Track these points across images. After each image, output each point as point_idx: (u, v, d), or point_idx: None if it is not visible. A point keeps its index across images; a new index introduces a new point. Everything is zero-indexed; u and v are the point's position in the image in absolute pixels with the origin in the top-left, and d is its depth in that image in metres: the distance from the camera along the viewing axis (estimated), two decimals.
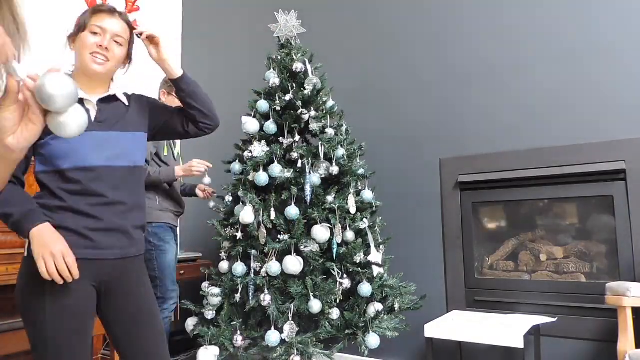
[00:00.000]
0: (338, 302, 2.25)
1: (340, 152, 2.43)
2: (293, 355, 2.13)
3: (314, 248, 2.29)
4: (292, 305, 2.21)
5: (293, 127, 2.48)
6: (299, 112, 2.45)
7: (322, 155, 2.41)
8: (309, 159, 2.40)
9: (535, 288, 2.51)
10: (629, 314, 1.90)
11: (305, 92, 2.46)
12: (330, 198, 2.33)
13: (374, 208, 2.51)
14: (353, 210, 2.34)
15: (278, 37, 2.65)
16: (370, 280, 2.28)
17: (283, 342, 2.18)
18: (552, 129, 2.53)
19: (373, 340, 2.16)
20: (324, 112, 2.51)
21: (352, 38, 3.28)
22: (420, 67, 2.98)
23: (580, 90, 2.48)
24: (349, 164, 2.44)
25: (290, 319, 2.20)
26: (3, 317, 2.07)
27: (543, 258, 2.58)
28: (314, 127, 2.47)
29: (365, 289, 2.22)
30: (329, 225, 2.29)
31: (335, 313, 2.22)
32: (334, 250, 2.28)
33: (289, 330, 2.18)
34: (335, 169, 2.38)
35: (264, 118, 2.51)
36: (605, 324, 2.27)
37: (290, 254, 2.26)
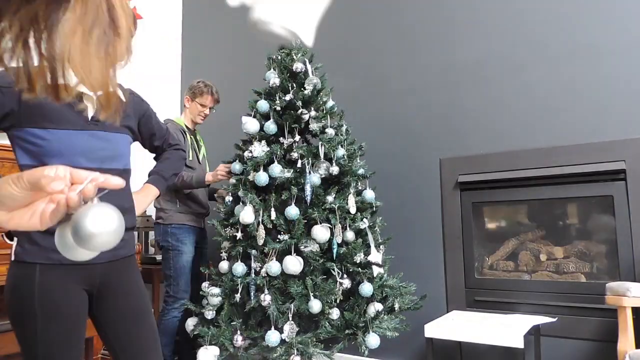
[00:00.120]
0: (338, 302, 2.25)
1: (340, 152, 2.43)
2: (293, 355, 2.13)
3: (314, 248, 2.29)
4: (292, 305, 2.21)
5: (293, 127, 2.48)
6: (299, 112, 2.45)
7: (322, 155, 2.41)
8: (309, 159, 2.40)
9: (535, 288, 2.51)
10: (629, 314, 1.90)
11: (305, 92, 2.46)
12: (330, 198, 2.33)
13: (374, 208, 2.51)
14: (353, 210, 2.34)
15: None
16: (370, 280, 2.28)
17: (283, 342, 2.18)
18: (552, 129, 2.53)
19: (373, 340, 2.16)
20: (324, 112, 2.51)
21: (351, 38, 3.28)
22: (421, 67, 2.98)
23: (580, 90, 2.48)
24: (349, 164, 2.44)
25: (290, 319, 2.20)
26: (3, 317, 2.07)
27: (543, 258, 2.58)
28: (314, 127, 2.47)
29: (366, 289, 2.22)
30: (329, 225, 2.29)
31: (335, 313, 2.23)
32: (334, 250, 2.28)
33: (289, 330, 2.18)
34: (335, 169, 2.38)
35: (264, 118, 2.51)
36: (605, 324, 2.27)
37: (290, 254, 2.26)
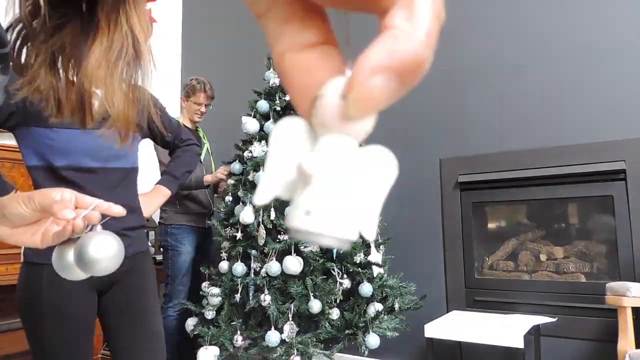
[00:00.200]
0: (338, 302, 2.25)
1: None
2: (293, 355, 2.13)
3: (314, 248, 2.29)
4: (292, 305, 2.21)
5: None
6: None
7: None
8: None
9: (535, 288, 2.51)
10: (629, 314, 1.90)
11: None
12: None
13: None
14: None
15: None
16: (370, 280, 2.28)
17: (283, 342, 2.18)
18: (551, 129, 2.53)
19: (373, 340, 2.16)
20: None
21: (351, 38, 3.28)
22: None
23: (580, 91, 2.48)
24: None
25: (290, 319, 2.20)
26: (3, 317, 2.07)
27: (543, 258, 2.58)
28: None
29: (366, 289, 2.22)
30: None
31: (335, 313, 2.22)
32: (334, 251, 2.28)
33: (289, 330, 2.18)
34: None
35: (264, 118, 2.51)
36: (605, 324, 2.27)
37: (290, 254, 2.26)
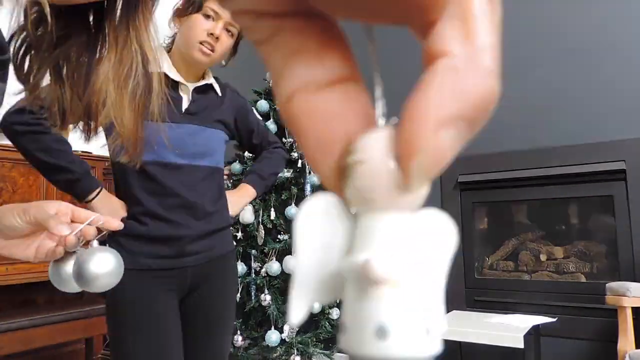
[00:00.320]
0: (338, 301, 2.25)
1: None
2: (293, 355, 2.13)
3: None
4: None
5: None
6: None
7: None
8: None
9: (535, 288, 2.51)
10: (629, 314, 1.90)
11: None
12: None
13: None
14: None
15: None
16: None
17: (283, 342, 2.18)
18: (552, 129, 2.53)
19: None
20: None
21: (352, 38, 3.28)
22: (420, 66, 2.98)
23: (580, 90, 2.48)
24: None
25: None
26: (3, 317, 2.07)
27: (543, 258, 2.58)
28: None
29: None
30: None
31: (336, 313, 2.23)
32: None
33: (289, 330, 2.18)
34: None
35: (264, 118, 2.51)
36: (605, 324, 2.27)
37: (291, 254, 2.26)
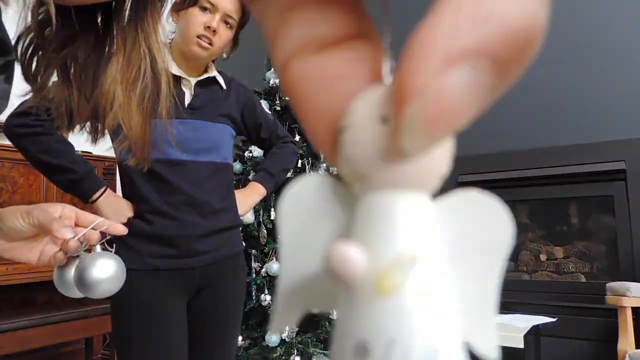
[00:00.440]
0: None
1: None
2: (293, 355, 2.13)
3: None
4: None
5: (293, 127, 2.48)
6: None
7: (322, 155, 2.41)
8: (309, 159, 2.40)
9: (535, 288, 2.51)
10: (629, 314, 1.90)
11: None
12: None
13: None
14: None
15: None
16: None
17: (283, 342, 2.18)
18: (552, 129, 2.53)
19: None
20: None
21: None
22: None
23: (580, 90, 2.48)
24: None
25: None
26: (3, 317, 2.07)
27: (543, 258, 2.58)
28: None
29: None
30: None
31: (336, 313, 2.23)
32: None
33: (289, 330, 2.18)
34: (336, 169, 2.38)
35: None
36: (605, 324, 2.27)
37: None
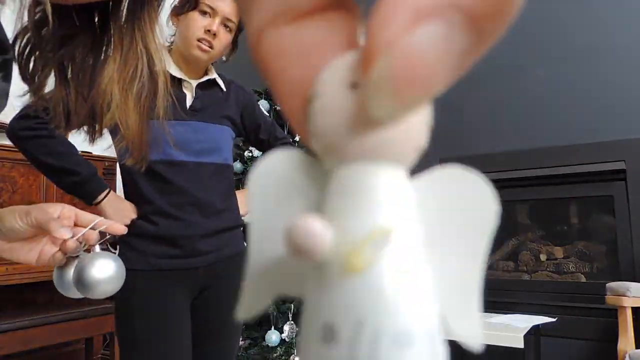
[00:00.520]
0: None
1: None
2: (293, 355, 2.13)
3: None
4: (292, 305, 2.21)
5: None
6: None
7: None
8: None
9: (535, 288, 2.51)
10: (629, 314, 1.90)
11: None
12: None
13: None
14: None
15: None
16: None
17: (283, 342, 2.18)
18: (552, 129, 2.53)
19: None
20: None
21: None
22: None
23: (580, 90, 2.48)
24: None
25: (291, 319, 2.20)
26: (3, 317, 2.07)
27: (543, 258, 2.58)
28: None
29: None
30: None
31: None
32: None
33: (289, 330, 2.18)
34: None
35: None
36: (605, 324, 2.27)
37: None
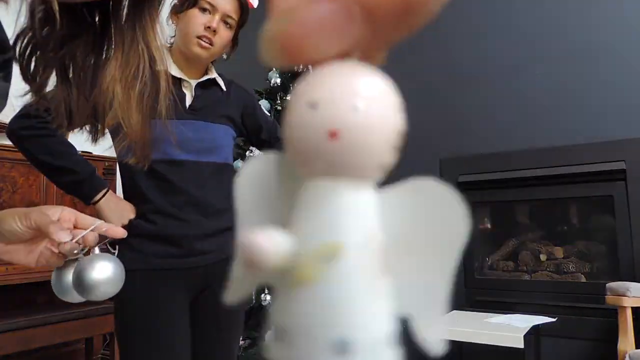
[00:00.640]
0: None
1: None
2: None
3: None
4: None
5: None
6: None
7: None
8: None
9: (535, 288, 2.51)
10: (629, 314, 1.90)
11: None
12: None
13: None
14: None
15: None
16: None
17: None
18: (552, 129, 2.53)
19: None
20: None
21: None
22: (420, 67, 2.98)
23: (580, 90, 2.48)
24: None
25: None
26: (3, 317, 2.07)
27: (543, 258, 2.58)
28: None
29: None
30: None
31: None
32: None
33: None
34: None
35: None
36: (605, 324, 2.27)
37: None
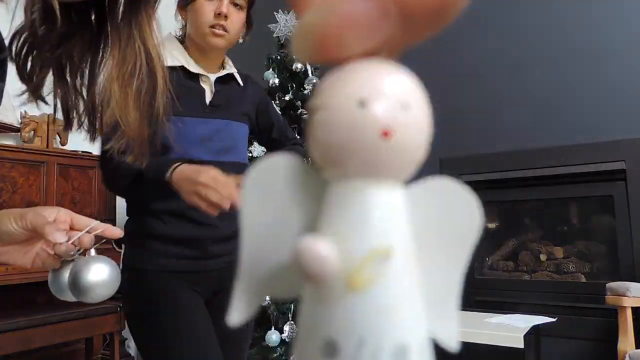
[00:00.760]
0: None
1: None
2: (293, 356, 2.13)
3: None
4: (292, 305, 2.21)
5: (293, 127, 2.48)
6: (299, 111, 2.45)
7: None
8: (309, 159, 2.40)
9: (535, 288, 2.51)
10: (629, 314, 1.90)
11: (305, 91, 2.46)
12: None
13: None
14: None
15: (278, 37, 2.65)
16: None
17: (283, 342, 2.18)
18: (552, 129, 2.53)
19: None
20: None
21: None
22: (420, 67, 2.95)
23: (581, 90, 2.48)
24: None
25: (291, 319, 2.20)
26: (3, 317, 2.07)
27: (543, 258, 2.58)
28: None
29: None
30: None
31: None
32: None
33: (289, 330, 2.18)
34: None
35: None
36: (605, 324, 2.27)
37: None
